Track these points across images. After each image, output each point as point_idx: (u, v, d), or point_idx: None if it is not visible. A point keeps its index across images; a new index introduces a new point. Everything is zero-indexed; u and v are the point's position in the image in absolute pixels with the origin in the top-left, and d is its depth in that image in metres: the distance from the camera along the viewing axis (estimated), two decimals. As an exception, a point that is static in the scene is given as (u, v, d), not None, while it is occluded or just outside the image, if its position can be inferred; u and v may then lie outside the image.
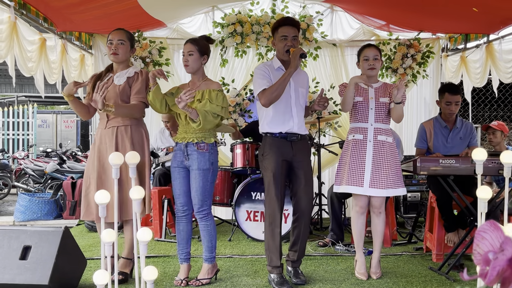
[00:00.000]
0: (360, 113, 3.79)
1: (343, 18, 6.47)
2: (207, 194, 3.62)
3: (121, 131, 3.64)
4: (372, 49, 3.83)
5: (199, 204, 3.61)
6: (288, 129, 3.64)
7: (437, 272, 3.89)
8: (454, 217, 4.19)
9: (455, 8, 5.04)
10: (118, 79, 3.68)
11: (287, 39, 3.63)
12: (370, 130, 3.74)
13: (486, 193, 2.49)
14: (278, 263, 3.62)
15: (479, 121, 10.18)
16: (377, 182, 3.67)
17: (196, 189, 3.59)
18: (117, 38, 3.68)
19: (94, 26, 5.77)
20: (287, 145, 3.65)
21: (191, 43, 3.65)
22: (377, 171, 3.68)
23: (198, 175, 3.57)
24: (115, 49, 3.65)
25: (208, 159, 3.59)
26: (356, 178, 3.69)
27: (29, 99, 17.33)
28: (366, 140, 3.74)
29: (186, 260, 3.74)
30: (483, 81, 6.03)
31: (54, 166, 8.97)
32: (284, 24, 3.66)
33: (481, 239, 0.72)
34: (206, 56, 3.70)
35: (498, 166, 3.60)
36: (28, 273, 3.19)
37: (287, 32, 3.63)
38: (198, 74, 3.70)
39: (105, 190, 2.72)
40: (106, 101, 3.51)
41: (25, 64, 4.65)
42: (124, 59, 3.74)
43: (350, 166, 3.71)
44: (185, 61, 3.65)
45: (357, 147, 3.75)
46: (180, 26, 6.31)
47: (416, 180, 5.92)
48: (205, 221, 3.66)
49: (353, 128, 3.82)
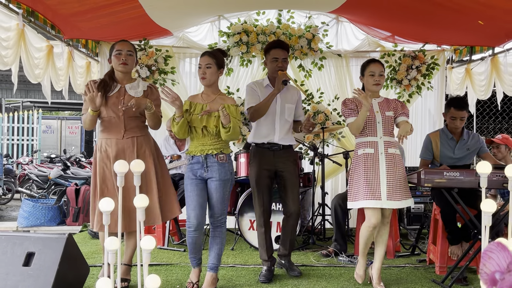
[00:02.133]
0: (369, 128, 3.77)
1: (348, 29, 6.50)
2: (226, 204, 3.72)
3: (141, 141, 3.71)
4: (378, 65, 3.85)
5: (218, 213, 3.68)
6: (269, 140, 4.10)
7: (440, 285, 3.87)
8: (458, 229, 4.17)
9: (460, 20, 5.06)
10: (134, 91, 3.71)
11: (278, 61, 4.05)
12: (380, 144, 3.73)
13: (491, 206, 2.49)
14: (266, 257, 4.12)
15: (483, 133, 10.16)
16: (393, 194, 3.65)
17: (217, 199, 3.65)
18: (126, 49, 3.71)
19: (101, 34, 5.81)
20: (269, 154, 4.09)
21: (209, 56, 3.67)
22: (392, 183, 3.66)
23: (219, 185, 3.63)
24: (125, 59, 3.69)
25: (228, 169, 3.68)
26: (373, 192, 3.65)
27: (34, 105, 17.40)
28: (377, 153, 3.71)
29: (198, 264, 3.76)
30: (487, 94, 6.03)
31: (58, 172, 8.99)
32: (275, 47, 4.08)
33: (488, 259, 0.72)
34: (222, 70, 3.75)
35: (502, 180, 3.59)
36: (31, 280, 3.19)
37: (277, 54, 4.05)
38: (213, 87, 3.75)
39: (110, 198, 2.73)
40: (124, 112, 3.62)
41: (32, 71, 4.68)
42: (131, 70, 3.81)
43: (366, 181, 3.67)
44: (202, 74, 3.66)
45: (369, 161, 3.71)
46: (186, 34, 6.34)
47: (420, 191, 5.91)
48: (221, 229, 3.73)
49: (362, 143, 3.78)
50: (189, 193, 3.66)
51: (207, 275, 3.73)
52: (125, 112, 3.61)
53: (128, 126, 3.67)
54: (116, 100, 3.66)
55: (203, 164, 3.64)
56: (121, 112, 3.62)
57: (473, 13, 4.72)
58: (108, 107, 3.64)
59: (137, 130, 3.71)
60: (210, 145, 3.64)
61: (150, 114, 3.64)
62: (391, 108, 3.84)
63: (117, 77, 3.76)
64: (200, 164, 3.65)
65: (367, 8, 5.51)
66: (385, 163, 3.69)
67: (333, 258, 4.74)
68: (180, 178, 5.78)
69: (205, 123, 3.61)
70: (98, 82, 3.68)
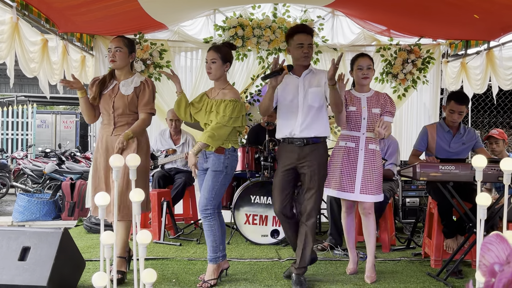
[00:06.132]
0: (353, 123, 3.88)
1: (344, 22, 6.49)
2: (214, 195, 3.67)
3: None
4: (366, 59, 3.94)
5: (203, 202, 3.68)
6: (290, 133, 3.69)
7: (435, 278, 3.89)
8: (453, 223, 4.19)
9: (456, 14, 5.05)
10: (125, 88, 3.80)
11: (304, 47, 3.68)
12: (362, 139, 3.86)
13: (486, 199, 2.49)
14: None
15: (478, 127, 10.18)
16: (367, 188, 3.82)
17: (204, 188, 3.69)
18: (115, 45, 3.79)
19: (96, 27, 5.78)
20: (293, 150, 3.70)
21: (214, 51, 3.69)
22: (367, 178, 3.83)
23: (210, 175, 3.68)
24: (113, 56, 3.78)
25: (223, 162, 3.67)
26: (348, 184, 3.84)
27: (29, 99, 17.33)
28: (358, 149, 3.86)
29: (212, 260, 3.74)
30: (483, 88, 6.04)
31: (53, 166, 8.96)
32: (300, 31, 3.71)
33: (487, 251, 0.72)
34: (228, 64, 3.75)
35: (497, 173, 3.60)
36: (26, 274, 3.18)
37: (303, 39, 3.68)
38: (220, 81, 3.76)
39: (105, 192, 2.73)
40: (115, 110, 3.75)
41: (27, 65, 4.66)
42: (123, 65, 3.84)
43: (342, 173, 3.85)
44: (208, 69, 3.70)
45: (349, 154, 3.86)
46: (181, 28, 6.32)
47: (415, 185, 5.93)
48: (208, 221, 3.70)
49: (346, 136, 3.92)
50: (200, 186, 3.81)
51: (208, 266, 3.75)
52: (115, 109, 3.76)
53: (118, 123, 3.81)
54: (108, 99, 3.81)
55: (204, 155, 3.71)
56: (111, 110, 3.77)
57: (468, 7, 4.72)
58: (101, 105, 3.82)
59: (126, 128, 3.78)
60: None
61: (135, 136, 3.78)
62: (379, 104, 3.91)
63: (116, 74, 3.90)
64: (202, 154, 3.72)
65: (363, 2, 5.50)
66: (363, 158, 3.84)
67: (328, 252, 4.75)
68: (176, 172, 5.78)
69: (206, 121, 3.71)
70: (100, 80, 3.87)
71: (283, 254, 4.65)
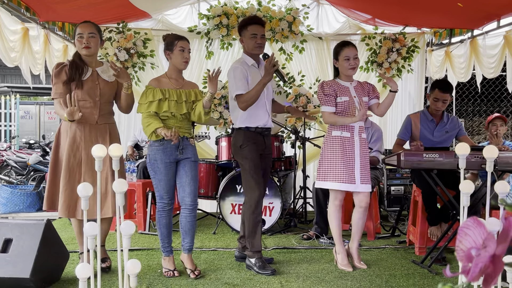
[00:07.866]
0: (349, 112, 3.85)
1: (329, 11, 6.47)
2: (197, 186, 3.76)
3: (112, 128, 3.74)
4: (352, 49, 3.89)
5: (194, 193, 3.68)
6: (263, 124, 3.89)
7: (419, 265, 3.93)
8: (437, 210, 4.22)
9: (440, 3, 5.06)
10: (107, 75, 3.67)
11: (257, 37, 3.86)
12: (356, 128, 3.86)
13: (469, 187, 2.51)
14: (260, 248, 3.81)
15: (462, 116, 10.27)
16: (365, 178, 3.84)
17: (192, 178, 3.67)
18: (88, 31, 3.58)
19: (78, 16, 5.66)
20: (260, 139, 3.90)
21: (187, 42, 3.76)
22: (364, 167, 3.85)
23: (194, 166, 3.70)
24: (87, 42, 3.56)
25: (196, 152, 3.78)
26: (349, 176, 3.79)
27: (12, 90, 17.08)
28: (353, 137, 3.84)
29: (171, 251, 3.77)
30: (467, 76, 6.08)
31: (37, 158, 8.86)
32: (253, 23, 3.89)
33: (464, 236, 0.72)
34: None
35: (481, 161, 3.63)
36: (9, 266, 3.15)
37: (256, 30, 3.87)
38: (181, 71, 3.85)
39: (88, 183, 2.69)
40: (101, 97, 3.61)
41: (8, 54, 4.57)
42: (96, 52, 3.70)
43: (344, 164, 3.79)
44: (186, 58, 3.73)
45: (346, 144, 3.83)
46: (165, 17, 6.25)
47: (399, 174, 5.97)
48: (195, 212, 3.73)
49: (340, 125, 3.86)
50: (162, 177, 3.62)
51: (187, 256, 3.73)
52: (101, 96, 3.60)
53: (102, 111, 3.64)
54: (92, 85, 3.60)
55: (178, 146, 3.62)
56: (97, 97, 3.60)
57: (452, -5, 4.73)
58: (84, 92, 3.57)
59: (109, 117, 3.72)
60: (185, 129, 3.71)
61: (126, 94, 3.64)
62: (365, 92, 3.95)
63: (85, 60, 3.64)
64: (175, 146, 3.61)
65: (348, -10, 5.48)
66: (359, 148, 3.84)
67: (314, 240, 4.77)
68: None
69: (186, 109, 3.66)
70: (69, 65, 3.58)
71: (268, 243, 4.65)
